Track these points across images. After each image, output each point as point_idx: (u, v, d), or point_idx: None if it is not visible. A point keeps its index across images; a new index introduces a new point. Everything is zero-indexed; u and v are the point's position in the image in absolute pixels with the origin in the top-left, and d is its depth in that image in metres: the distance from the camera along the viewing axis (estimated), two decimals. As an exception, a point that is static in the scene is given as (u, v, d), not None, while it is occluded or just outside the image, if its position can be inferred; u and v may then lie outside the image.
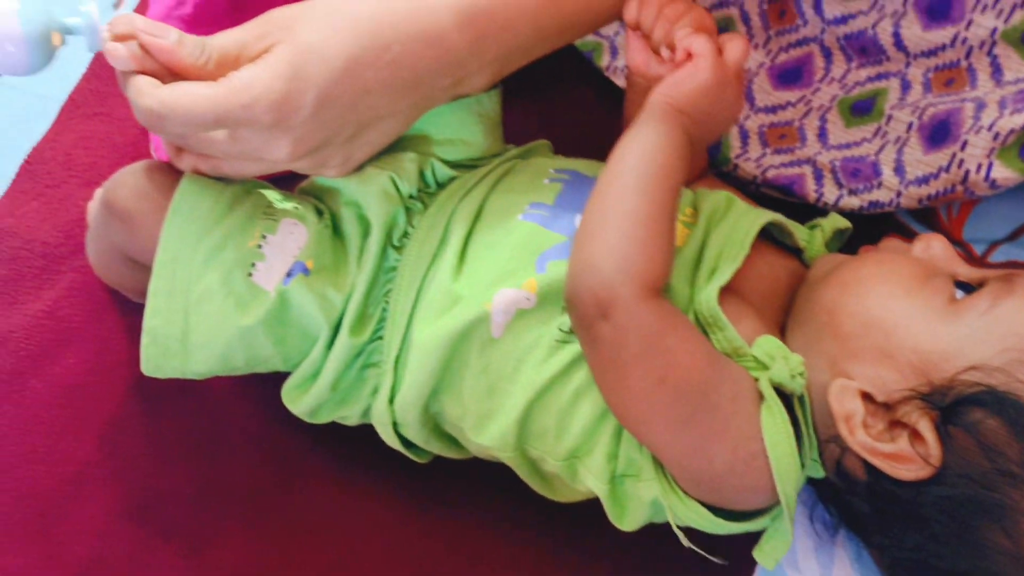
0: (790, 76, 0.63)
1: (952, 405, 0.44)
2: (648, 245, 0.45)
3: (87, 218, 0.61)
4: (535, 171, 0.56)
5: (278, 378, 0.61)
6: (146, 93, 0.46)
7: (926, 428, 0.45)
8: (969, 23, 0.53)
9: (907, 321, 0.46)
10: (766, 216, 0.53)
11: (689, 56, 0.50)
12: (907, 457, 0.45)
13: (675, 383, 0.44)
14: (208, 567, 0.64)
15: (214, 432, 0.68)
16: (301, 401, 0.55)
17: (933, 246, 0.49)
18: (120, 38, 0.46)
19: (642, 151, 0.47)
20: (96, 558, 0.65)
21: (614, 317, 0.43)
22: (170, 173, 0.54)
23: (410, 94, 0.50)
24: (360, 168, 0.53)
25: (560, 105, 0.67)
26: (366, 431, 0.59)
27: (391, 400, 0.53)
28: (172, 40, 0.46)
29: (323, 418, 0.57)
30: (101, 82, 0.80)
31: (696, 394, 0.44)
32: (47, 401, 0.70)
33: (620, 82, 0.68)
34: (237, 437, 0.68)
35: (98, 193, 0.56)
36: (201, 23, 0.71)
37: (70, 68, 0.81)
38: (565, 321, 0.48)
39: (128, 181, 0.54)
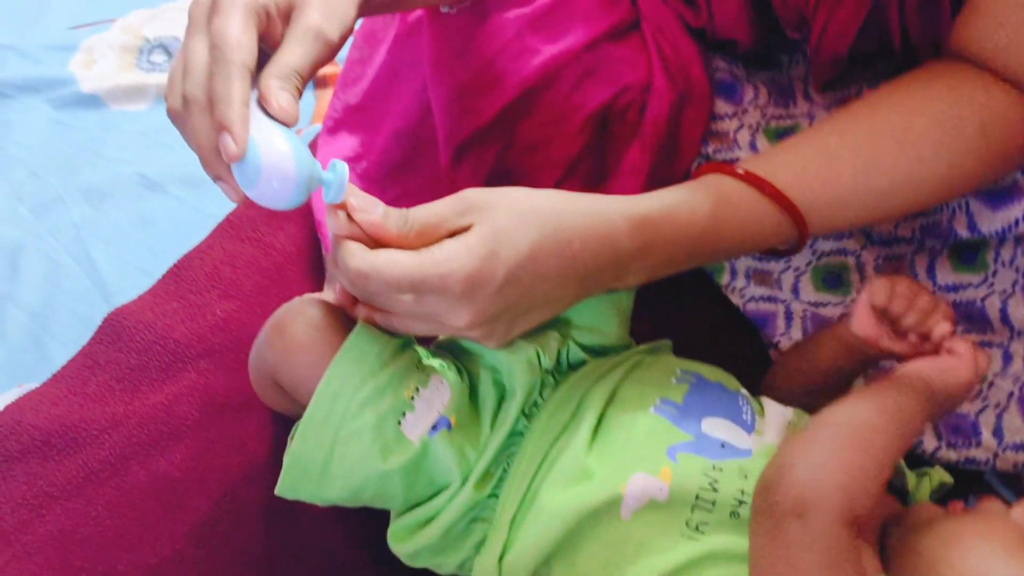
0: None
1: None
2: (872, 485, 0.48)
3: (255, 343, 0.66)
4: (664, 369, 0.61)
5: (368, 512, 0.64)
6: (357, 256, 0.52)
7: None
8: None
9: None
10: None
11: (944, 349, 0.56)
12: None
13: None
14: None
15: (295, 549, 0.70)
16: (410, 541, 0.58)
17: None
18: (336, 206, 0.53)
19: (900, 409, 0.51)
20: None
21: (810, 522, 0.46)
22: (340, 314, 0.60)
23: (578, 285, 0.56)
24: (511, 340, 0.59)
25: (679, 311, 0.73)
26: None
27: (501, 557, 0.56)
28: (378, 214, 0.53)
29: (421, 562, 0.60)
30: (257, 210, 0.88)
31: None
32: (145, 490, 0.73)
33: (736, 300, 0.74)
34: (316, 558, 0.70)
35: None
36: (372, 179, 0.79)
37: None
38: (694, 518, 0.51)
39: (305, 311, 0.60)
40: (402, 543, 0.59)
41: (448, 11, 0.75)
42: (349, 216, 0.52)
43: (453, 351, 0.62)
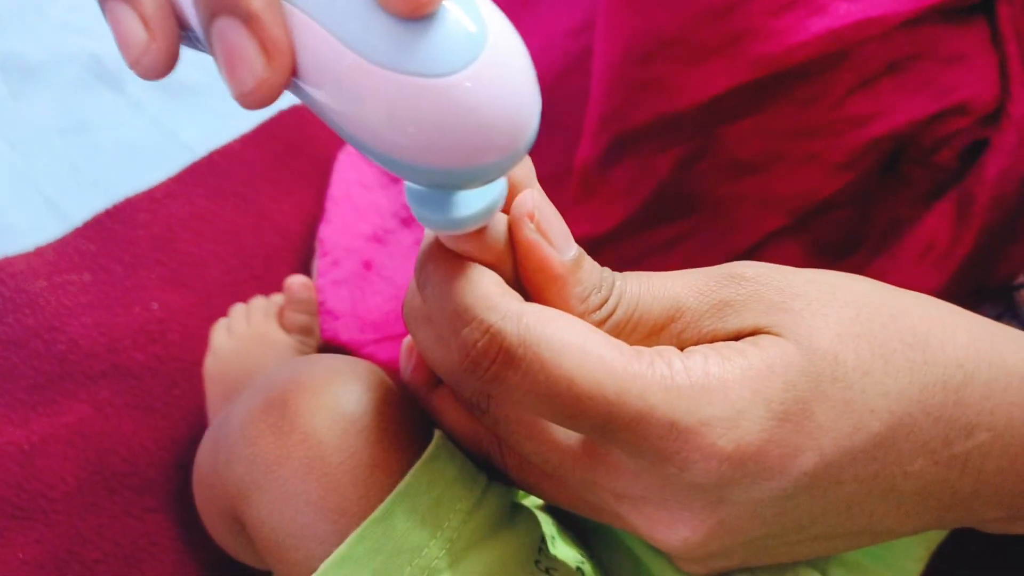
0: None
1: None
2: None
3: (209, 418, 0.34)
4: None
5: None
6: (512, 314, 0.21)
7: None
8: None
9: None
10: None
11: None
12: None
13: None
14: None
15: None
16: None
17: None
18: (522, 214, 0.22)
19: None
20: None
21: None
22: (406, 416, 0.28)
23: (934, 509, 0.24)
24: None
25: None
26: None
27: None
28: (569, 257, 0.23)
29: None
30: (257, 152, 0.55)
31: None
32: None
33: None
34: None
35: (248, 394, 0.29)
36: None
37: (228, 119, 0.56)
38: None
39: (337, 386, 0.28)
40: None
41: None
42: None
43: (587, 532, 0.31)
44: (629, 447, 0.23)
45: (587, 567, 0.31)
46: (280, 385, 0.29)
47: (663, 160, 0.46)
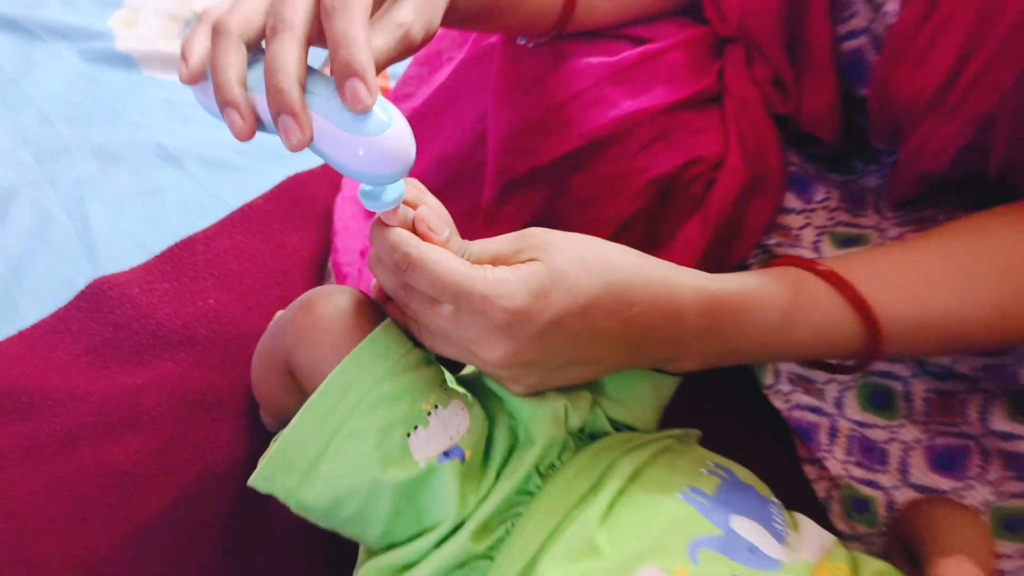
0: (944, 462, 0.64)
1: None
2: None
3: (271, 323, 0.60)
4: (695, 458, 0.56)
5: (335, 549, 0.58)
6: (412, 244, 0.47)
7: None
8: None
9: None
10: None
11: None
12: None
13: None
14: None
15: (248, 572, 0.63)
16: None
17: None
18: (409, 203, 0.49)
19: None
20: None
21: None
22: (372, 309, 0.54)
23: (628, 352, 0.51)
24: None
25: (713, 405, 0.68)
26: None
27: (486, 629, 0.49)
28: (443, 237, 0.49)
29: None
30: (274, 205, 0.83)
31: None
32: (92, 476, 0.66)
33: (778, 404, 0.69)
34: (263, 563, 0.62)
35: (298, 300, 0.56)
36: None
37: (255, 185, 0.84)
38: None
39: (337, 296, 0.54)
40: (374, 586, 0.52)
41: (526, 43, 0.72)
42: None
43: (473, 387, 0.57)
44: (467, 309, 0.49)
45: (474, 402, 0.56)
46: (307, 295, 0.55)
47: (536, 198, 0.73)
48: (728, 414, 0.68)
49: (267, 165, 0.85)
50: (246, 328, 0.73)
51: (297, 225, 0.81)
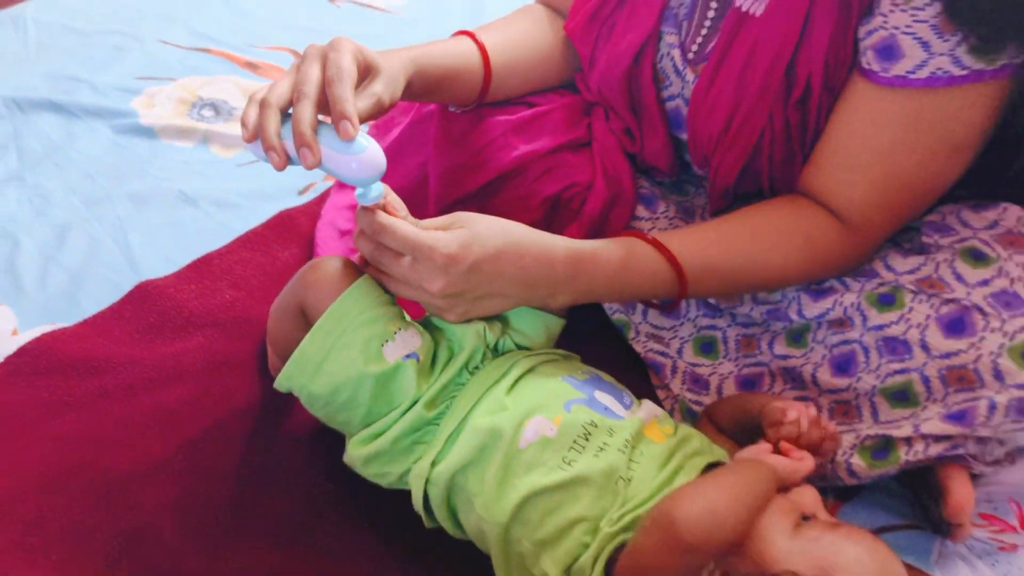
0: (747, 385, 0.93)
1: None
2: (743, 529, 0.68)
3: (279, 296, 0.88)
4: (574, 365, 0.84)
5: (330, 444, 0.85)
6: (384, 217, 0.76)
7: None
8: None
9: (767, 533, 0.70)
10: (719, 455, 0.79)
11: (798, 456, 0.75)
12: None
13: None
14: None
15: (265, 470, 0.88)
16: (365, 448, 0.78)
17: (806, 494, 0.76)
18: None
19: (761, 479, 0.72)
20: (137, 535, 0.82)
21: (692, 558, 0.66)
22: (355, 270, 0.82)
23: (523, 289, 0.80)
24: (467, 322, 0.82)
25: (594, 350, 0.96)
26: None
27: (434, 463, 0.76)
28: (403, 214, 0.78)
29: (371, 470, 0.79)
30: (272, 230, 1.11)
31: None
32: (148, 414, 0.91)
33: (638, 349, 0.98)
34: (282, 477, 0.88)
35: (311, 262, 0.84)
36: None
37: (254, 218, 1.12)
38: (568, 456, 0.73)
39: (333, 260, 0.82)
40: (358, 449, 0.79)
41: (455, 110, 1.02)
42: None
43: (425, 324, 0.85)
44: (419, 256, 0.76)
45: (421, 327, 0.84)
46: (313, 261, 0.83)
47: (465, 216, 1.02)
48: (603, 357, 0.97)
49: (263, 204, 1.14)
50: (253, 314, 1.01)
51: (287, 244, 1.10)
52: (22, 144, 1.21)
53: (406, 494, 0.79)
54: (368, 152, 0.72)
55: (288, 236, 1.10)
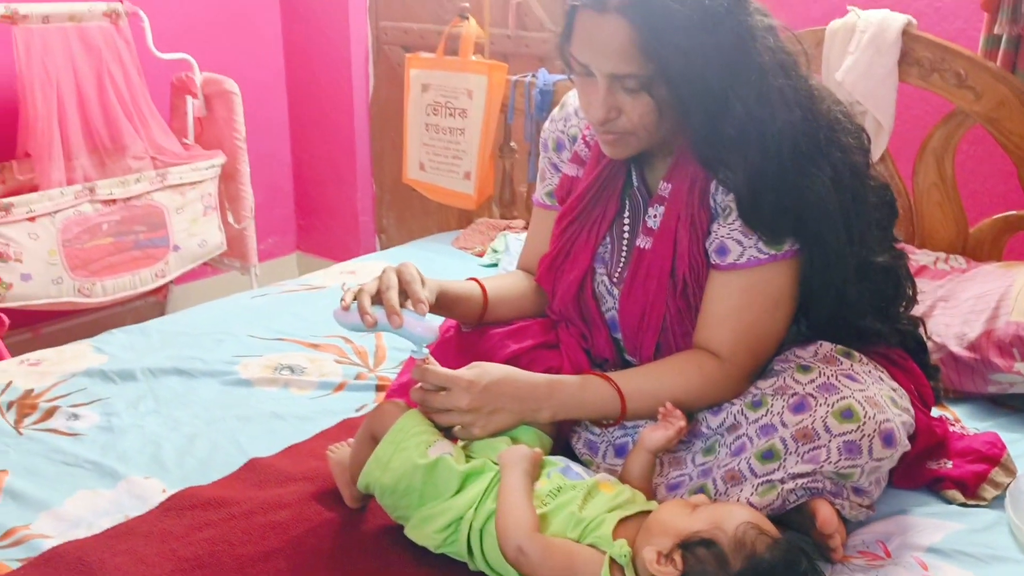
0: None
1: (689, 546, 1.07)
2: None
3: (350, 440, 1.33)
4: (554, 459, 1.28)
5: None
6: (431, 367, 1.25)
7: (677, 556, 1.07)
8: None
9: (671, 518, 1.11)
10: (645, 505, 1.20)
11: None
12: (671, 572, 1.06)
13: None
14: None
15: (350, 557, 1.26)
16: (456, 537, 1.19)
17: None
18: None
19: (511, 474, 1.23)
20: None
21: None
22: (407, 407, 1.29)
23: (517, 404, 1.27)
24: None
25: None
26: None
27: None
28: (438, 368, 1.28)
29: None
30: (341, 429, 1.56)
31: None
32: (262, 524, 1.30)
33: (579, 449, 1.42)
34: (362, 560, 1.25)
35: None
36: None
37: (329, 422, 1.59)
38: (546, 499, 1.17)
39: (393, 404, 1.29)
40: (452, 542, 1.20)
41: (465, 329, 1.54)
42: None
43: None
44: (451, 387, 1.24)
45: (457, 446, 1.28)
46: (380, 405, 1.30)
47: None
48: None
49: (330, 418, 1.61)
50: (330, 474, 1.43)
51: (349, 436, 1.55)
52: (157, 394, 1.70)
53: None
54: (428, 322, 1.24)
55: (350, 433, 1.55)
